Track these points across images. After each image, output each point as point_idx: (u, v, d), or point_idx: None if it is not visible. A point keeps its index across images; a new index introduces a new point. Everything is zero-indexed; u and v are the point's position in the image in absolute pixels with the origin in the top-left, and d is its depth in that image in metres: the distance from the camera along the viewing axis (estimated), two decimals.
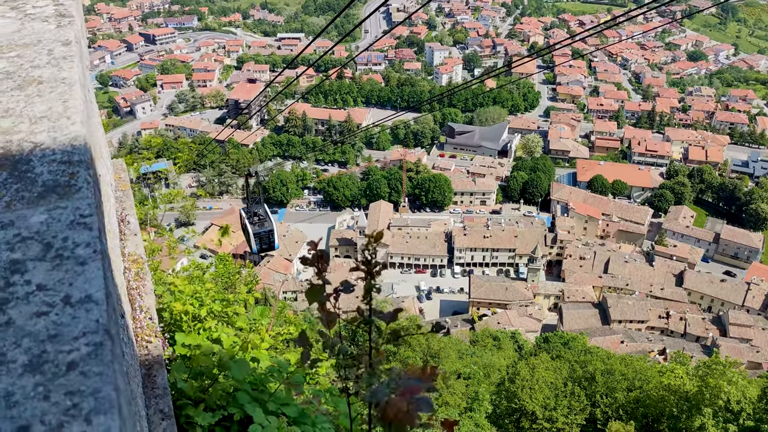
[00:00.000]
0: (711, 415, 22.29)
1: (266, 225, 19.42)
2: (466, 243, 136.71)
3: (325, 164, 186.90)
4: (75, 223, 2.12)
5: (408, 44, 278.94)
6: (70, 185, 2.27)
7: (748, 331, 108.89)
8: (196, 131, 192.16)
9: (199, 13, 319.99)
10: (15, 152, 2.44)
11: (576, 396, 34.01)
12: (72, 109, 2.69)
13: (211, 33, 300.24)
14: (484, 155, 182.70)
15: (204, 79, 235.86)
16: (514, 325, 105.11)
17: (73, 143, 2.48)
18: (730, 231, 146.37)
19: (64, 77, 2.92)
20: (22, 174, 2.32)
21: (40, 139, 2.52)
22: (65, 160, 2.40)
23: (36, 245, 2.03)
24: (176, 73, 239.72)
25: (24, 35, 3.37)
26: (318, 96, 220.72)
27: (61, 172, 2.33)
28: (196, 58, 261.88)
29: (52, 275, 1.93)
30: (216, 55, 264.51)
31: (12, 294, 1.86)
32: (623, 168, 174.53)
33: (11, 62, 3.10)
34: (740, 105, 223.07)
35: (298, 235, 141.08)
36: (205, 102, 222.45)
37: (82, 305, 1.82)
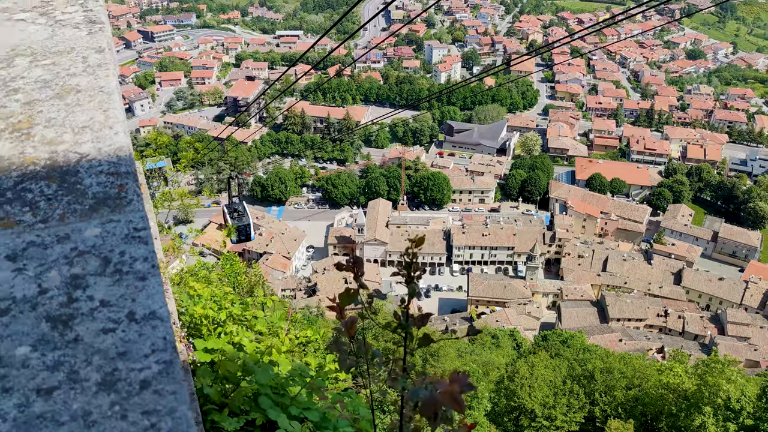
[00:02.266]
0: (711, 414, 22.44)
1: (244, 219, 22.84)
2: (464, 241, 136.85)
3: (323, 162, 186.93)
4: (130, 237, 2.12)
5: (407, 42, 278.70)
6: (120, 197, 2.28)
7: (746, 330, 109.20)
8: (195, 129, 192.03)
9: (198, 10, 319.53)
10: (62, 163, 2.44)
11: (575, 394, 34.14)
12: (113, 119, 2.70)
13: (209, 30, 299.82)
14: (482, 153, 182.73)
15: (203, 77, 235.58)
16: (512, 324, 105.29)
17: (118, 154, 2.49)
18: (728, 229, 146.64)
19: (101, 86, 2.92)
20: (71, 186, 2.32)
21: (85, 149, 2.52)
22: (112, 171, 2.40)
23: (94, 260, 2.03)
24: (175, 70, 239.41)
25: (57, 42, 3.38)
26: (317, 94, 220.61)
27: (110, 184, 2.34)
28: (194, 55, 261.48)
29: (113, 291, 1.92)
30: (215, 53, 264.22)
31: (77, 310, 1.85)
32: (622, 166, 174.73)
33: (47, 70, 3.11)
34: (739, 104, 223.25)
35: (297, 233, 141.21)
36: (203, 99, 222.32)
37: (148, 322, 1.83)
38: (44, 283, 1.93)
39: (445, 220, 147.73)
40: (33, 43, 3.37)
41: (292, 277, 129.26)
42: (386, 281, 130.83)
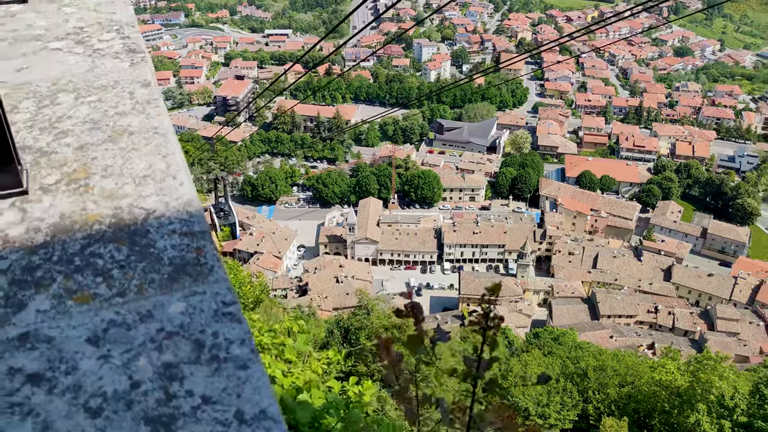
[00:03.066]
0: (706, 411, 22.52)
1: (230, 219, 24.15)
2: (455, 239, 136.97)
3: (314, 161, 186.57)
4: (220, 314, 1.85)
5: (396, 40, 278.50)
6: (200, 264, 2.01)
7: (735, 325, 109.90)
8: (184, 128, 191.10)
9: (186, 9, 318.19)
10: (129, 221, 2.19)
11: (568, 392, 34.20)
12: (175, 167, 2.47)
13: (198, 29, 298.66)
14: (473, 151, 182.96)
15: (191, 76, 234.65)
16: (503, 321, 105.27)
17: (188, 210, 2.24)
18: (717, 225, 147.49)
19: (155, 126, 2.73)
20: (143, 249, 2.07)
21: (150, 204, 2.27)
22: (185, 231, 2.14)
23: (185, 343, 1.76)
24: (163, 69, 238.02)
25: (99, 75, 3.17)
26: (306, 92, 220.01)
27: (186, 247, 2.07)
28: (183, 54, 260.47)
29: (214, 383, 1.66)
30: (203, 52, 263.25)
31: (177, 409, 1.59)
32: (611, 163, 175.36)
33: (94, 108, 2.90)
34: (726, 100, 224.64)
35: (288, 232, 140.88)
36: (192, 99, 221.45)
37: (260, 423, 1.57)
38: (135, 374, 1.67)
39: (435, 218, 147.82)
40: (74, 76, 3.17)
41: (283, 276, 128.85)
42: (377, 280, 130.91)
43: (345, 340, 39.02)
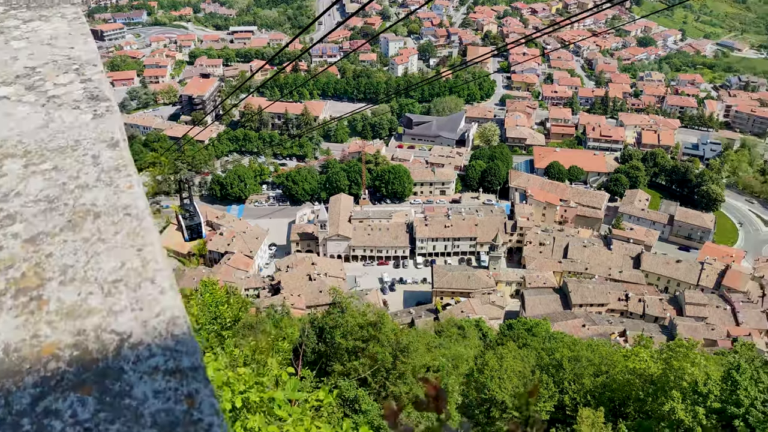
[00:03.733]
0: (680, 399, 22.78)
1: (195, 219, 24.93)
2: (427, 233, 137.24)
3: (283, 158, 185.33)
4: None
5: (362, 35, 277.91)
6: (194, 422, 1.44)
7: (703, 310, 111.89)
8: (150, 128, 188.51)
9: (149, 7, 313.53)
10: (96, 355, 1.61)
11: (544, 384, 34.38)
12: (153, 264, 1.91)
13: (161, 28, 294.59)
14: (442, 145, 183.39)
15: (156, 75, 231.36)
16: (477, 313, 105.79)
17: (173, 332, 1.67)
18: (683, 212, 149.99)
19: (125, 205, 2.18)
20: (116, 401, 1.49)
21: (124, 325, 1.69)
22: (172, 368, 1.58)
23: None
24: (127, 69, 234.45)
25: (55, 132, 2.61)
26: (273, 89, 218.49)
27: (173, 394, 1.50)
28: (147, 53, 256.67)
29: None
30: (167, 51, 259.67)
31: None
32: (579, 154, 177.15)
33: (50, 181, 2.32)
34: (689, 89, 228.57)
35: (258, 231, 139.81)
36: (157, 98, 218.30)
37: None
38: None
39: (407, 212, 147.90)
40: (24, 136, 2.61)
41: (255, 276, 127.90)
42: (350, 276, 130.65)
43: (320, 339, 38.68)
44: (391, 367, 33.56)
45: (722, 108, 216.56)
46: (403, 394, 33.60)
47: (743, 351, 26.54)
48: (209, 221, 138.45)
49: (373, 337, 34.20)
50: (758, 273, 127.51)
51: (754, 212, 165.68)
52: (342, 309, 39.60)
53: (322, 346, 38.66)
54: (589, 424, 28.20)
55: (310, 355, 39.08)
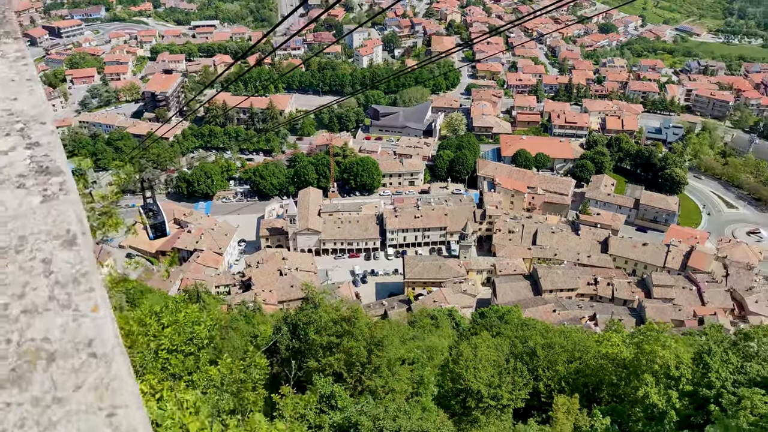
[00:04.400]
0: (653, 383, 23.08)
1: (159, 218, 26.03)
2: (397, 224, 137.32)
3: (249, 153, 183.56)
4: None
5: (326, 27, 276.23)
6: None
7: (670, 291, 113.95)
8: (113, 127, 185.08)
9: (107, 3, 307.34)
10: None
11: (519, 372, 34.57)
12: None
13: (121, 23, 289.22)
14: (409, 136, 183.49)
15: (117, 72, 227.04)
16: (449, 303, 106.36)
17: None
18: (648, 196, 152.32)
19: (89, 339, 1.68)
20: None
21: None
22: None
23: None
24: (86, 67, 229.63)
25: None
26: (238, 84, 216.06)
27: None
28: (107, 50, 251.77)
29: None
30: (128, 47, 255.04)
31: None
32: (545, 141, 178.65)
33: None
34: (650, 74, 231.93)
35: (227, 227, 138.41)
36: (119, 96, 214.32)
37: None
38: None
39: (377, 204, 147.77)
40: None
41: (225, 273, 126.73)
42: (322, 270, 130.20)
43: (293, 336, 38.39)
44: (366, 361, 33.47)
45: (683, 92, 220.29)
46: (378, 387, 33.54)
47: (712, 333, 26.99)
48: (177, 219, 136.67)
49: (348, 332, 34.08)
50: (721, 253, 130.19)
51: (716, 194, 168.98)
52: (315, 305, 39.37)
53: (297, 342, 38.41)
54: (564, 411, 28.45)
55: (284, 353, 38.81)
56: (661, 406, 20.81)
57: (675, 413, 20.66)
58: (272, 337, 40.51)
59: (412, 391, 34.44)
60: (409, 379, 34.65)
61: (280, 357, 39.35)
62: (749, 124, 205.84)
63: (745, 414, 16.39)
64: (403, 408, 25.95)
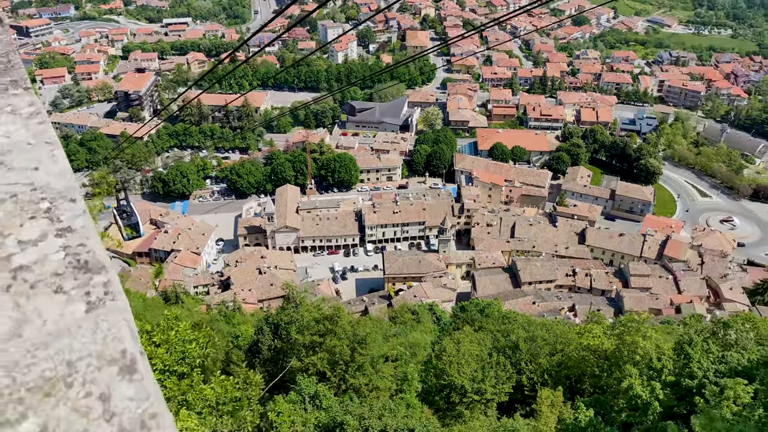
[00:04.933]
0: (637, 375, 23.29)
1: (132, 219, 26.93)
2: (376, 220, 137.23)
3: (225, 152, 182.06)
4: None
5: (300, 23, 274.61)
6: None
7: (647, 281, 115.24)
8: (86, 127, 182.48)
9: (76, 1, 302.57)
10: None
11: (502, 366, 34.72)
12: None
13: (91, 22, 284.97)
14: (386, 131, 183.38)
15: (88, 72, 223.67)
16: (429, 297, 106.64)
17: None
18: (624, 187, 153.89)
19: None
20: None
21: None
22: None
23: None
24: (57, 66, 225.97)
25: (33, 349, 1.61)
26: (212, 82, 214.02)
27: None
28: (77, 49, 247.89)
29: None
30: (99, 46, 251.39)
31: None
32: (521, 134, 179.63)
33: None
34: (624, 65, 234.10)
35: (205, 227, 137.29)
36: (92, 96, 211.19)
37: None
38: None
39: (355, 200, 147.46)
40: None
41: (203, 273, 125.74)
42: (301, 268, 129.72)
43: (275, 335, 38.16)
44: (349, 359, 33.38)
45: (656, 83, 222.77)
46: (362, 385, 33.48)
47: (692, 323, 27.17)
48: (153, 219, 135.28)
49: (330, 330, 33.94)
50: (696, 242, 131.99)
51: (690, 183, 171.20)
52: (297, 304, 39.18)
53: (279, 342, 38.19)
54: (548, 404, 28.61)
55: (266, 353, 38.58)
56: (645, 397, 21.01)
57: (658, 404, 20.87)
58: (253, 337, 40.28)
59: (396, 388, 34.45)
60: (393, 376, 34.64)
61: (262, 357, 39.14)
62: (720, 113, 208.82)
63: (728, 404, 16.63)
64: (388, 406, 25.92)
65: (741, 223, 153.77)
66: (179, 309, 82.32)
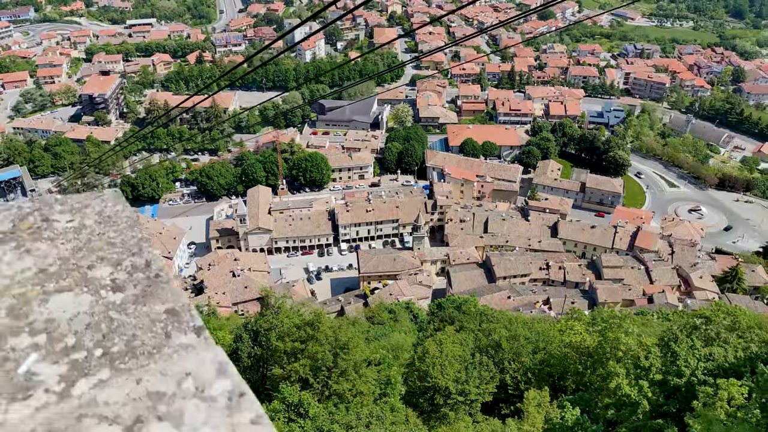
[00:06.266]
0: (625, 375, 23.31)
1: None
2: (349, 219, 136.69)
3: (194, 154, 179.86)
4: None
5: (266, 22, 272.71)
6: None
7: (619, 272, 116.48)
8: (50, 132, 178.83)
9: (36, 3, 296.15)
10: None
11: (485, 366, 34.65)
12: None
13: (52, 24, 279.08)
14: (356, 129, 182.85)
15: (51, 75, 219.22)
16: (405, 295, 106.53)
17: None
18: (594, 179, 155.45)
19: None
20: None
21: None
22: None
23: None
24: (17, 70, 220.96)
25: None
26: (179, 83, 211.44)
27: None
28: (38, 52, 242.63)
29: None
30: (61, 48, 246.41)
31: None
32: (491, 129, 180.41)
33: None
34: (590, 59, 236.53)
35: (176, 230, 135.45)
36: (55, 100, 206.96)
37: None
38: None
39: (327, 200, 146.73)
40: None
41: (176, 277, 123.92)
42: (275, 269, 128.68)
43: (255, 342, 37.62)
44: (332, 365, 32.98)
45: (621, 76, 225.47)
46: (346, 391, 33.10)
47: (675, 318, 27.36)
48: None
49: (312, 336, 33.51)
50: (666, 232, 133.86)
51: (658, 173, 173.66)
52: (276, 310, 38.62)
53: (259, 349, 37.64)
54: (535, 404, 28.55)
55: (246, 361, 38.01)
56: (634, 396, 21.03)
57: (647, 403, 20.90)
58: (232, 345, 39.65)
59: (380, 392, 34.16)
60: (377, 380, 34.32)
61: (242, 365, 38.56)
62: (685, 104, 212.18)
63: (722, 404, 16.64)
64: (375, 413, 25.61)
65: (708, 212, 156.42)
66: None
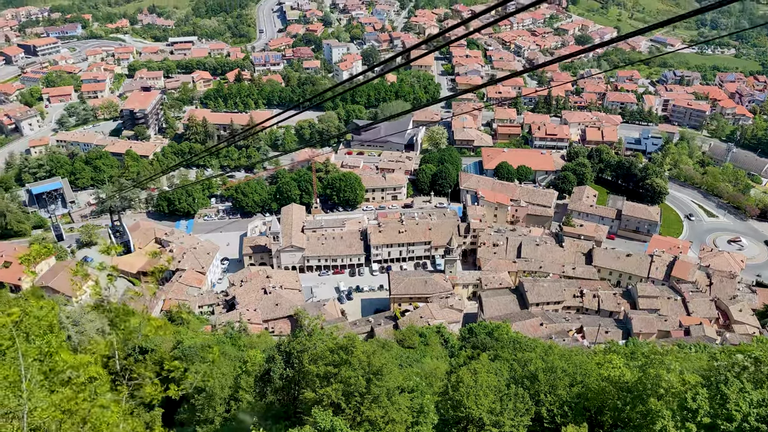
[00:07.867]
0: (670, 417, 22.51)
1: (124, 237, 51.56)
2: (381, 240, 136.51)
3: (230, 170, 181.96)
4: None
5: (305, 42, 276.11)
6: None
7: (655, 302, 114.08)
8: (91, 145, 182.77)
9: (83, 20, 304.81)
10: None
11: (520, 397, 33.88)
12: None
13: (97, 41, 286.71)
14: (391, 150, 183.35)
15: (95, 90, 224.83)
16: (436, 318, 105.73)
17: None
18: (630, 207, 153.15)
19: None
20: None
21: None
22: None
23: None
24: (63, 85, 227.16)
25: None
26: (217, 100, 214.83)
27: None
28: (83, 68, 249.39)
29: None
30: (105, 64, 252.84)
31: None
32: (526, 153, 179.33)
33: None
34: (628, 85, 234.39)
35: (210, 246, 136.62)
36: (97, 114, 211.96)
37: None
38: None
39: (360, 220, 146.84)
40: None
41: (208, 292, 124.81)
42: (306, 287, 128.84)
43: (287, 364, 37.38)
44: (365, 391, 32.52)
45: (660, 103, 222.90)
46: (378, 418, 32.59)
47: (723, 358, 26.46)
48: (158, 238, 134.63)
49: (345, 361, 33.15)
50: (704, 263, 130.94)
51: (697, 203, 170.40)
52: (309, 331, 38.41)
53: (291, 371, 37.37)
54: None
55: (278, 382, 37.76)
56: None
57: None
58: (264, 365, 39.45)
59: (412, 420, 33.56)
60: (409, 408, 33.73)
61: (273, 386, 38.31)
62: (726, 133, 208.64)
63: None
64: None
65: (749, 244, 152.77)
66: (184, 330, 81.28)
